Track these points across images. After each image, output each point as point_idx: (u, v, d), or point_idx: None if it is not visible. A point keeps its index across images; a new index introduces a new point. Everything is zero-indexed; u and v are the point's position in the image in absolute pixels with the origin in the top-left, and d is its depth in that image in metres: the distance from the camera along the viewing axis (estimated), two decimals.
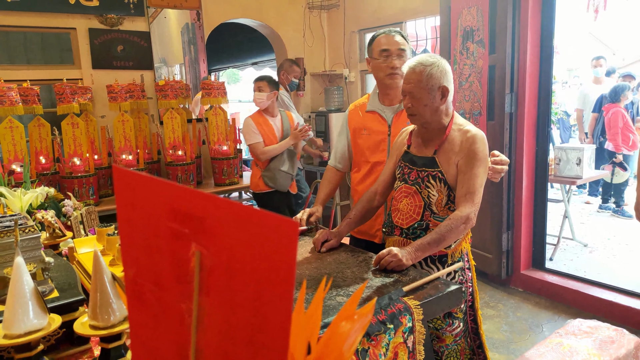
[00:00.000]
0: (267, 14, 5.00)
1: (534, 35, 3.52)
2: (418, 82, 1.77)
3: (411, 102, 1.80)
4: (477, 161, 1.77)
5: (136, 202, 0.53)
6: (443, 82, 1.78)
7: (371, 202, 2.05)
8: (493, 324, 3.30)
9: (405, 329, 1.46)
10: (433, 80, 1.76)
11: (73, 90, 3.63)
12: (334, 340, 0.58)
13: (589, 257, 4.42)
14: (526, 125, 3.59)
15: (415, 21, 4.60)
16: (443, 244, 1.75)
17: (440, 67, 1.78)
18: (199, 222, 0.48)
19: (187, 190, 0.48)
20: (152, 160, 4.11)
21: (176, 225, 0.50)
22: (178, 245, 0.50)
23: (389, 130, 2.19)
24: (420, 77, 1.76)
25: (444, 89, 1.79)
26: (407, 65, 1.82)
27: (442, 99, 1.80)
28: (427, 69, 1.76)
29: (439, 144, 1.83)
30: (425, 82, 1.76)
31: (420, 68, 1.77)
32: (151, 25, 4.26)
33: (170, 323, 0.54)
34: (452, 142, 1.82)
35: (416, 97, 1.78)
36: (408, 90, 1.80)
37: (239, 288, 0.48)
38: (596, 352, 1.78)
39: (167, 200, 0.50)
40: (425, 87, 1.76)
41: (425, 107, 1.79)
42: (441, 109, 1.82)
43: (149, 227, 0.53)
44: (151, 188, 0.51)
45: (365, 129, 2.23)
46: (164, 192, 0.50)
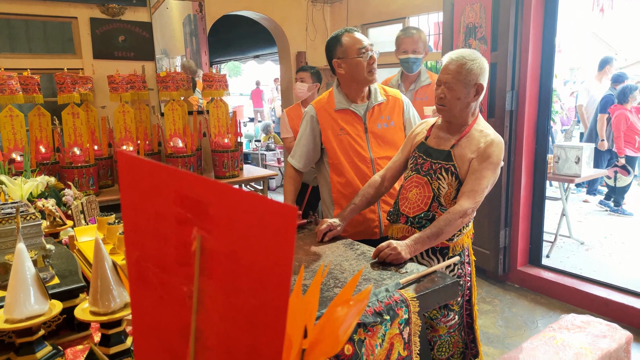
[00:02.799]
0: (271, 7, 4.99)
1: (536, 33, 3.52)
2: (457, 74, 1.79)
3: (445, 92, 1.82)
4: (490, 164, 1.80)
5: (140, 186, 0.54)
6: (480, 79, 1.81)
7: (377, 187, 2.07)
8: (489, 319, 3.33)
9: (402, 321, 1.48)
10: (471, 76, 1.78)
11: (74, 80, 3.63)
12: (330, 324, 0.60)
13: (586, 255, 4.45)
14: (526, 124, 3.61)
15: (418, 17, 4.60)
16: (441, 237, 1.78)
17: (481, 64, 1.80)
18: (201, 207, 0.50)
19: (191, 175, 0.50)
20: (152, 151, 4.11)
21: (180, 210, 0.51)
22: (181, 229, 0.52)
23: (365, 127, 2.20)
24: (460, 69, 1.78)
25: (479, 87, 1.81)
26: (449, 56, 1.84)
27: (475, 96, 1.82)
28: (468, 63, 1.78)
29: (458, 140, 1.86)
30: (464, 75, 1.78)
31: (462, 61, 1.79)
32: (153, 15, 4.26)
33: (173, 304, 0.56)
34: (471, 140, 1.85)
35: (452, 88, 1.80)
36: (445, 81, 1.82)
37: (239, 271, 0.50)
38: (588, 346, 1.80)
39: (171, 186, 0.51)
40: (463, 80, 1.78)
41: (457, 100, 1.81)
42: (471, 105, 1.85)
43: (153, 211, 0.54)
44: (156, 173, 0.52)
45: (342, 129, 2.20)
46: (168, 178, 0.52)
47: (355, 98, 2.21)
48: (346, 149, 2.19)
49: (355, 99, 2.21)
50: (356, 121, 2.20)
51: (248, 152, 8.23)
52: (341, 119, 2.20)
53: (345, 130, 2.19)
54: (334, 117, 2.20)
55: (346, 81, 2.19)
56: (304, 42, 5.27)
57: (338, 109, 2.20)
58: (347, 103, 2.20)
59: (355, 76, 2.15)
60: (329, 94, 2.26)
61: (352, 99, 2.21)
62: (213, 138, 4.16)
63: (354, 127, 2.19)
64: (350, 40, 2.12)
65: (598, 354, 1.80)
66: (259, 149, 8.22)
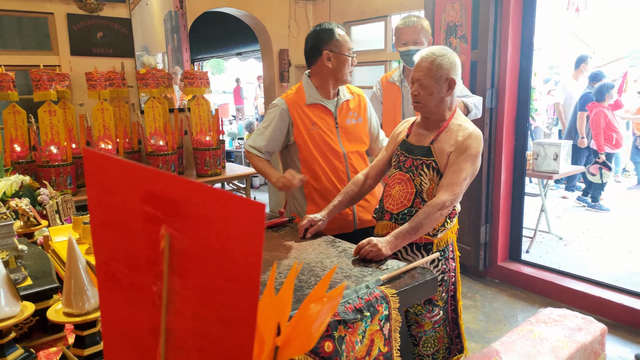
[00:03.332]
0: (252, 4, 4.96)
1: (515, 32, 3.56)
2: (428, 70, 1.82)
3: (418, 89, 1.85)
4: (468, 156, 1.82)
5: (108, 185, 0.53)
6: (451, 74, 1.83)
7: (361, 185, 2.08)
8: (470, 314, 3.37)
9: (382, 317, 1.48)
10: (442, 71, 1.81)
11: (50, 77, 3.56)
12: (303, 321, 0.59)
13: (564, 249, 4.52)
14: (506, 121, 3.65)
15: (400, 15, 4.61)
16: (421, 231, 1.79)
17: (450, 59, 1.83)
18: (169, 205, 0.49)
19: (158, 173, 0.49)
20: (132, 150, 4.06)
21: (148, 208, 0.50)
22: (149, 227, 0.51)
23: (336, 122, 2.23)
24: (431, 66, 1.82)
25: (451, 81, 1.84)
26: (419, 54, 1.87)
27: (449, 91, 1.85)
28: (438, 59, 1.81)
29: (437, 135, 1.88)
30: (435, 71, 1.81)
31: (432, 58, 1.82)
32: (132, 12, 4.20)
33: (143, 304, 0.55)
34: (449, 134, 1.87)
35: (424, 85, 1.84)
36: (417, 78, 1.85)
37: (209, 269, 0.49)
38: (564, 339, 1.83)
39: (139, 183, 0.50)
40: (434, 76, 1.82)
41: (431, 95, 1.84)
42: (446, 100, 1.87)
43: (121, 210, 0.53)
44: (123, 171, 0.51)
45: (314, 123, 2.20)
46: (137, 175, 0.50)
47: (327, 94, 2.23)
48: (318, 143, 2.19)
49: (327, 94, 2.23)
50: (327, 116, 2.22)
51: (231, 150, 8.18)
52: (312, 114, 2.20)
53: (317, 124, 2.20)
54: (305, 112, 2.20)
55: (326, 75, 2.19)
56: (286, 39, 5.25)
57: (309, 104, 2.21)
58: (319, 98, 2.22)
59: (338, 73, 2.17)
60: (297, 89, 2.26)
61: (324, 94, 2.23)
62: (194, 136, 4.12)
63: (325, 121, 2.21)
64: (344, 38, 2.17)
65: (574, 347, 1.83)
66: (242, 147, 8.18)
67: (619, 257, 4.29)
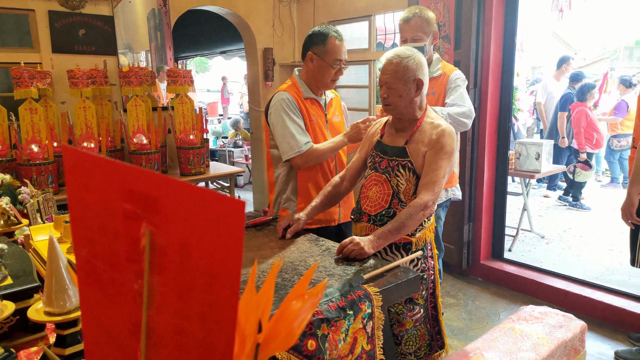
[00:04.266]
0: (236, 3, 4.94)
1: (497, 32, 3.60)
2: (395, 72, 1.83)
3: (387, 92, 1.86)
4: (444, 154, 1.83)
5: (88, 182, 0.53)
6: (418, 74, 1.84)
7: (338, 187, 2.08)
8: (453, 312, 3.40)
9: (365, 315, 1.49)
10: (409, 72, 1.82)
11: (31, 75, 3.51)
12: (285, 318, 0.60)
13: (546, 248, 4.59)
14: (488, 120, 3.69)
15: (384, 14, 4.64)
16: (404, 231, 1.80)
17: (416, 60, 1.83)
18: (150, 202, 0.49)
19: (139, 170, 0.49)
20: (115, 148, 4.02)
21: (129, 206, 0.50)
22: (130, 224, 0.51)
23: (326, 117, 2.35)
24: (397, 68, 1.83)
25: (419, 82, 1.84)
26: (385, 57, 1.88)
27: (417, 91, 1.86)
28: (403, 61, 1.82)
29: (410, 135, 1.89)
30: (401, 73, 1.82)
31: (397, 60, 1.83)
32: (115, 9, 4.15)
33: (124, 302, 0.55)
34: (423, 134, 1.88)
35: (392, 87, 1.85)
36: (385, 81, 1.86)
37: (189, 266, 0.49)
38: (545, 336, 1.86)
39: (119, 181, 0.50)
40: (401, 78, 1.83)
41: (400, 97, 1.85)
42: (415, 100, 1.88)
43: (101, 207, 0.53)
44: (103, 169, 0.51)
45: (312, 115, 2.30)
46: (117, 173, 0.51)
47: (318, 92, 2.34)
48: (317, 136, 2.28)
49: (317, 92, 2.34)
50: (320, 110, 2.34)
51: (215, 149, 8.14)
52: (310, 107, 2.29)
53: (314, 117, 2.29)
54: (305, 104, 2.28)
55: (310, 75, 2.29)
56: (270, 38, 5.24)
57: (306, 97, 2.29)
58: (312, 93, 2.32)
59: (317, 76, 2.26)
60: (293, 83, 2.32)
61: (315, 92, 2.33)
62: (178, 135, 4.10)
63: (319, 115, 2.32)
64: (334, 47, 2.20)
65: (555, 343, 1.86)
66: (227, 145, 8.14)
67: (599, 255, 4.37)
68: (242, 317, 0.57)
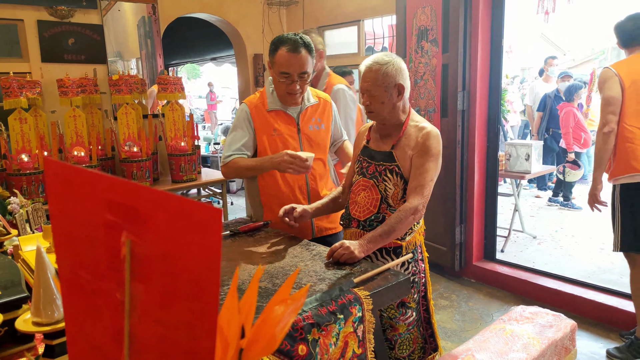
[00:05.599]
0: (226, 9, 4.96)
1: (484, 35, 3.64)
2: (375, 80, 1.83)
3: (369, 100, 1.86)
4: (430, 157, 1.84)
5: (69, 193, 0.54)
6: (399, 79, 1.84)
7: (340, 195, 2.09)
8: (446, 314, 3.41)
9: (355, 319, 1.50)
10: (389, 79, 1.83)
11: (20, 84, 3.51)
12: (267, 323, 0.61)
13: (538, 248, 4.62)
14: (477, 122, 3.72)
15: (372, 20, 4.67)
16: (393, 235, 1.81)
17: (395, 65, 1.84)
18: (130, 212, 0.50)
19: (119, 181, 0.50)
20: (105, 156, 4.01)
21: (110, 216, 0.51)
22: (110, 234, 0.52)
23: (298, 128, 2.18)
24: (376, 75, 1.83)
25: (399, 87, 1.85)
26: (364, 64, 1.87)
27: (399, 96, 1.86)
28: (382, 68, 1.82)
29: (397, 140, 1.89)
30: (381, 80, 1.82)
31: (377, 67, 1.83)
32: (104, 18, 4.16)
33: (107, 311, 0.55)
34: (409, 137, 1.88)
35: (373, 94, 1.85)
36: (365, 89, 1.86)
37: (170, 274, 0.50)
38: (536, 336, 1.88)
39: (100, 192, 0.51)
40: (381, 85, 1.83)
41: (382, 104, 1.85)
42: (398, 105, 1.88)
43: (83, 218, 0.54)
44: (84, 180, 0.52)
45: (275, 129, 2.14)
46: (97, 184, 0.51)
47: (288, 102, 2.15)
48: (278, 149, 2.12)
49: (288, 102, 2.16)
50: (289, 122, 2.17)
51: (207, 155, 8.12)
52: (274, 119, 2.15)
53: (278, 130, 2.15)
54: (266, 117, 2.15)
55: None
56: (260, 44, 5.26)
57: (271, 109, 2.16)
58: (280, 104, 2.16)
59: (276, 89, 2.13)
60: (261, 94, 2.21)
61: (285, 102, 2.16)
62: (169, 142, 4.10)
63: (287, 128, 2.16)
64: (280, 59, 2.02)
65: (545, 343, 1.88)
66: (219, 151, 8.13)
67: (591, 254, 4.40)
68: (224, 322, 0.57)
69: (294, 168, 1.93)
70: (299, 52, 2.01)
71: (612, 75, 2.71)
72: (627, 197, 2.73)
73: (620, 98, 2.67)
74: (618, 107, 2.67)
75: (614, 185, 2.80)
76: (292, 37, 2.02)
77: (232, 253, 1.89)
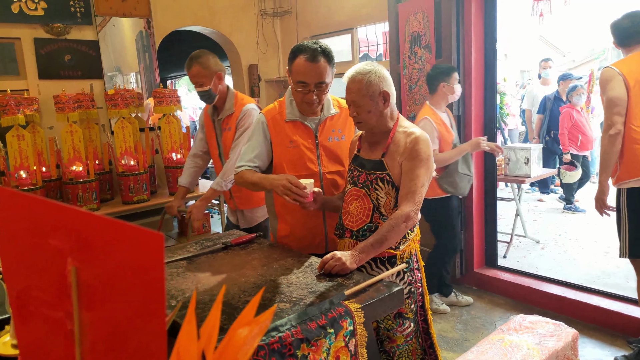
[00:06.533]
0: (219, 22, 4.98)
1: (477, 40, 3.62)
2: (359, 90, 1.82)
3: (356, 110, 1.85)
4: (419, 162, 1.81)
5: (18, 220, 0.52)
6: (383, 87, 1.83)
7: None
8: (448, 323, 3.37)
9: (346, 333, 1.47)
10: (373, 87, 1.81)
11: (18, 102, 3.52)
12: (230, 347, 0.58)
13: (541, 253, 4.57)
14: (474, 128, 3.70)
15: (365, 27, 4.67)
16: (386, 244, 1.78)
17: (377, 73, 1.82)
18: (75, 238, 0.48)
19: (64, 207, 0.48)
20: (103, 171, 4.01)
21: (56, 242, 0.50)
22: (59, 261, 0.50)
23: (317, 140, 2.11)
24: (360, 85, 1.81)
25: (384, 94, 1.84)
26: (347, 75, 1.86)
27: (385, 104, 1.85)
28: (365, 77, 1.81)
29: (386, 147, 1.87)
30: (365, 89, 1.81)
31: (360, 77, 1.82)
32: (100, 33, 4.18)
33: (57, 338, 0.54)
34: (397, 143, 1.87)
35: (359, 105, 1.83)
36: (351, 100, 1.85)
37: (115, 300, 0.48)
38: (536, 346, 1.84)
39: (47, 218, 0.50)
40: (366, 94, 1.81)
41: (369, 113, 1.84)
42: (385, 113, 1.87)
43: (31, 244, 0.52)
44: (32, 206, 0.50)
45: (292, 141, 2.08)
46: (44, 210, 0.50)
47: (307, 113, 2.10)
48: (294, 162, 2.08)
49: (307, 113, 2.09)
50: (307, 134, 2.10)
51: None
52: (291, 131, 2.09)
53: (295, 142, 2.08)
54: (284, 128, 2.10)
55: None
56: (255, 54, 5.27)
57: (289, 120, 2.10)
58: (299, 115, 2.10)
59: (294, 98, 2.08)
60: (280, 104, 2.15)
61: (304, 112, 2.09)
62: (166, 154, 4.09)
63: (305, 139, 2.09)
64: (297, 67, 1.96)
65: (546, 354, 1.83)
66: None
67: (595, 259, 4.34)
68: (182, 349, 0.55)
69: (289, 195, 1.83)
70: (317, 62, 1.93)
71: (615, 74, 2.60)
72: (634, 202, 2.62)
73: (625, 98, 2.56)
74: (624, 107, 2.56)
75: (619, 190, 2.70)
76: (312, 46, 1.95)
77: (223, 266, 1.87)
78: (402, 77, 3.87)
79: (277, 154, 2.11)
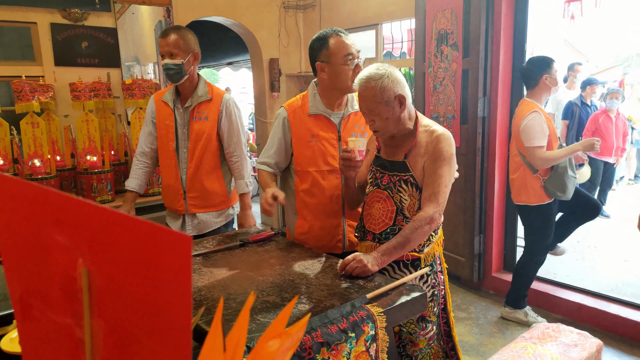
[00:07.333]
0: (241, 13, 4.91)
1: (507, 40, 3.52)
2: (373, 97, 1.72)
3: (372, 117, 1.75)
4: (442, 161, 1.74)
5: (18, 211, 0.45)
6: (398, 90, 1.73)
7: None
8: (464, 327, 3.28)
9: (368, 337, 1.40)
10: (387, 92, 1.71)
11: (33, 88, 3.48)
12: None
13: (559, 259, 4.45)
14: (498, 130, 3.59)
15: (391, 23, 4.58)
16: (408, 246, 1.71)
17: (390, 77, 1.72)
18: (85, 236, 0.41)
19: (72, 199, 0.41)
20: (118, 161, 3.96)
21: (62, 238, 0.43)
22: (65, 261, 0.43)
23: (339, 135, 2.07)
24: (374, 92, 1.71)
25: (400, 98, 1.74)
26: (357, 82, 1.76)
27: (402, 107, 1.75)
28: (378, 83, 1.71)
29: (409, 148, 1.79)
30: (380, 96, 1.71)
31: (373, 83, 1.71)
32: (119, 21, 4.13)
33: (62, 343, 0.47)
34: (420, 143, 1.79)
35: (375, 112, 1.74)
36: (366, 107, 1.75)
37: (134, 309, 0.41)
38: (559, 356, 1.76)
39: (52, 210, 0.43)
40: (381, 101, 1.71)
41: (387, 120, 1.74)
42: (403, 116, 1.78)
43: (33, 239, 0.45)
44: (34, 196, 0.44)
45: (314, 135, 2.06)
46: (48, 201, 0.43)
47: (333, 105, 2.07)
48: (315, 156, 2.05)
49: (332, 106, 2.07)
50: (330, 129, 2.07)
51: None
52: (314, 125, 2.06)
53: (317, 137, 2.05)
54: (306, 123, 2.07)
55: (327, 86, 2.05)
56: (276, 48, 5.20)
57: (312, 114, 2.07)
58: (323, 109, 2.07)
59: (337, 84, 2.02)
60: (303, 98, 2.12)
61: (329, 105, 2.07)
62: None
63: (327, 134, 2.06)
64: (337, 44, 1.97)
65: None
66: None
67: (614, 267, 4.22)
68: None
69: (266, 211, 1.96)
70: (346, 34, 2.03)
71: None
72: None
73: None
74: None
75: None
76: (330, 29, 2.05)
77: (239, 264, 1.81)
78: (426, 75, 3.77)
79: (298, 148, 2.09)
